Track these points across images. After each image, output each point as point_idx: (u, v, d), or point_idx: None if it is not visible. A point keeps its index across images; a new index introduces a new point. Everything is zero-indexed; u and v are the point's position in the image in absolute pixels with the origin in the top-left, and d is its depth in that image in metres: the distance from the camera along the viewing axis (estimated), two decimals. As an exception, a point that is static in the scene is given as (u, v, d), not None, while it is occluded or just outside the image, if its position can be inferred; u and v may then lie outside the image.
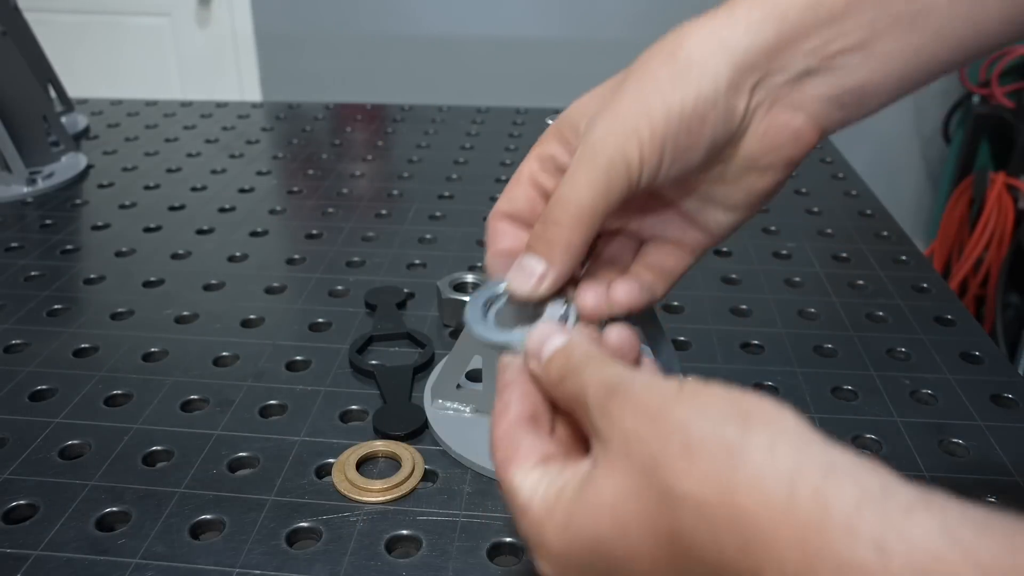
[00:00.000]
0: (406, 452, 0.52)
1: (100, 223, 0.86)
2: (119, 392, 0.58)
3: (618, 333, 0.35)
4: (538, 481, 0.30)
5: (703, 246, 0.40)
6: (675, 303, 0.71)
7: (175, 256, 0.79)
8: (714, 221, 0.39)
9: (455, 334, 0.66)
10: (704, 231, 0.39)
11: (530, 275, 0.37)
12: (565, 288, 0.38)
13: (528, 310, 0.38)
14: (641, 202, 0.39)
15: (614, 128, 0.34)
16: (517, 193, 0.39)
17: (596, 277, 0.40)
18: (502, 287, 0.38)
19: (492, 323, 0.38)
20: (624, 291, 0.39)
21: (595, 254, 0.41)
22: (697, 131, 0.34)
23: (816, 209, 0.90)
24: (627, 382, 0.29)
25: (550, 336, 0.34)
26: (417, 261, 0.78)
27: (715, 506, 0.24)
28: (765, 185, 0.37)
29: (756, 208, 0.38)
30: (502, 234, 0.39)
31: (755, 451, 0.24)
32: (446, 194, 0.94)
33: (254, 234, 0.84)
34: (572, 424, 0.34)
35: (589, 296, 0.38)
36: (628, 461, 0.27)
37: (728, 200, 0.38)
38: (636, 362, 0.34)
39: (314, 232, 0.84)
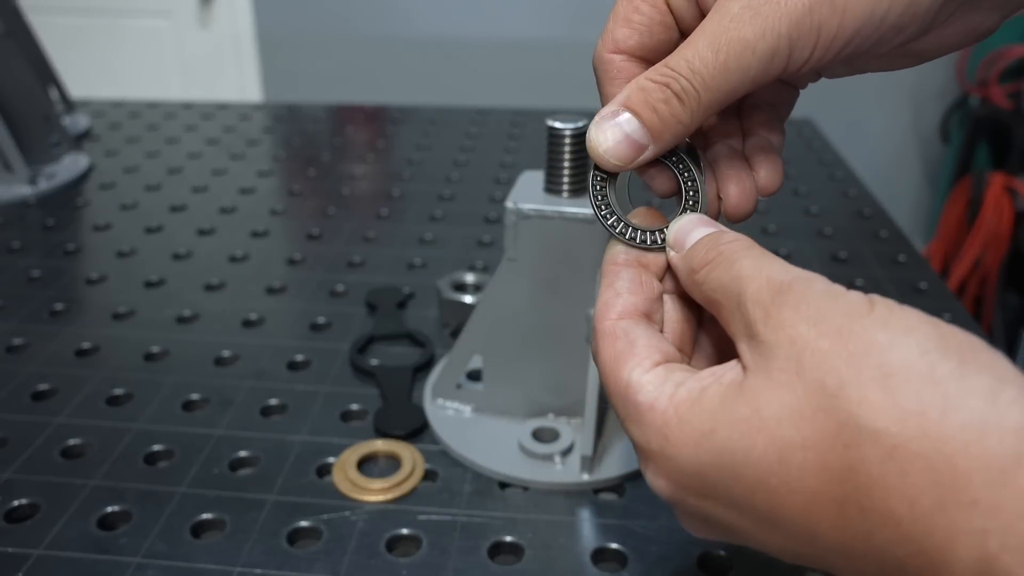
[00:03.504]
0: (406, 452, 0.52)
1: (101, 223, 0.86)
2: (120, 392, 0.59)
3: None
4: (664, 379, 0.25)
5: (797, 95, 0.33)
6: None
7: (176, 256, 0.79)
8: (832, 74, 0.32)
9: (455, 334, 0.66)
10: (815, 78, 0.33)
11: (623, 139, 0.29)
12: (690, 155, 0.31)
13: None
14: None
15: (785, 9, 0.26)
16: (636, 17, 0.30)
17: (717, 138, 0.32)
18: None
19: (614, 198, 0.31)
20: (773, 172, 0.31)
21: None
22: (888, 39, 0.28)
23: (814, 210, 0.90)
24: (801, 283, 0.24)
25: (696, 226, 0.29)
26: (417, 261, 0.78)
27: (915, 453, 0.20)
28: (910, 64, 0.31)
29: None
30: (618, 74, 0.30)
31: (974, 395, 0.20)
32: (446, 194, 0.94)
33: (255, 234, 0.84)
34: (689, 325, 0.30)
35: (733, 188, 0.31)
36: (800, 377, 0.22)
37: (863, 66, 0.31)
38: None
39: (314, 232, 0.85)
